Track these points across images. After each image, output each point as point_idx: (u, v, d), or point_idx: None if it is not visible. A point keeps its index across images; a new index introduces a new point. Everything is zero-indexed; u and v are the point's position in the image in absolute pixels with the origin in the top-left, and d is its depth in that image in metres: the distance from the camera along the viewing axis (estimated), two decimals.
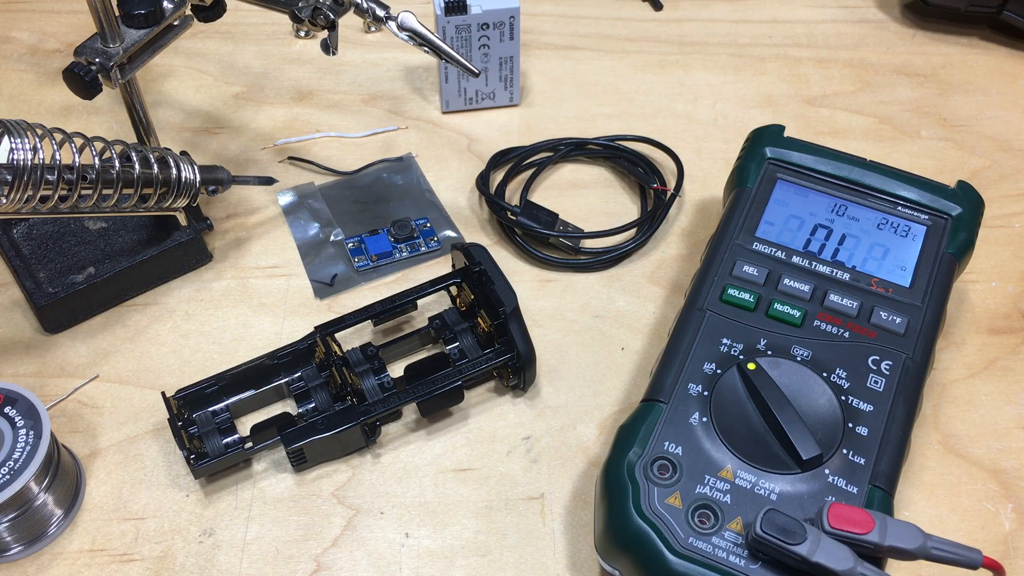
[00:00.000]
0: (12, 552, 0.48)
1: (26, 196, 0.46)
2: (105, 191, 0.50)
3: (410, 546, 0.48)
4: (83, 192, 0.49)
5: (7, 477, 0.46)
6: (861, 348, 0.48)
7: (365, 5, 0.56)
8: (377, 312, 0.54)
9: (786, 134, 0.57)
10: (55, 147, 0.47)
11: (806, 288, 0.50)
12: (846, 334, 0.48)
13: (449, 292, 0.56)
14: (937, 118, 0.69)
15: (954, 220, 0.53)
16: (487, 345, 0.53)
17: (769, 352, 0.47)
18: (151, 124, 0.57)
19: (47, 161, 0.46)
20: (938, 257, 0.51)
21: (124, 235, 0.59)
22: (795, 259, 0.51)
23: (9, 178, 0.45)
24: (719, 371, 0.47)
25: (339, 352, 0.53)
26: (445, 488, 0.50)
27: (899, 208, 0.53)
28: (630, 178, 0.65)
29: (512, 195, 0.64)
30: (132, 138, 0.57)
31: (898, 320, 0.49)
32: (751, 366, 0.46)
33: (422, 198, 0.64)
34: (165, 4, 0.52)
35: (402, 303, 0.55)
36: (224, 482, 0.50)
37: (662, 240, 0.62)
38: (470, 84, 0.68)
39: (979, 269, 0.59)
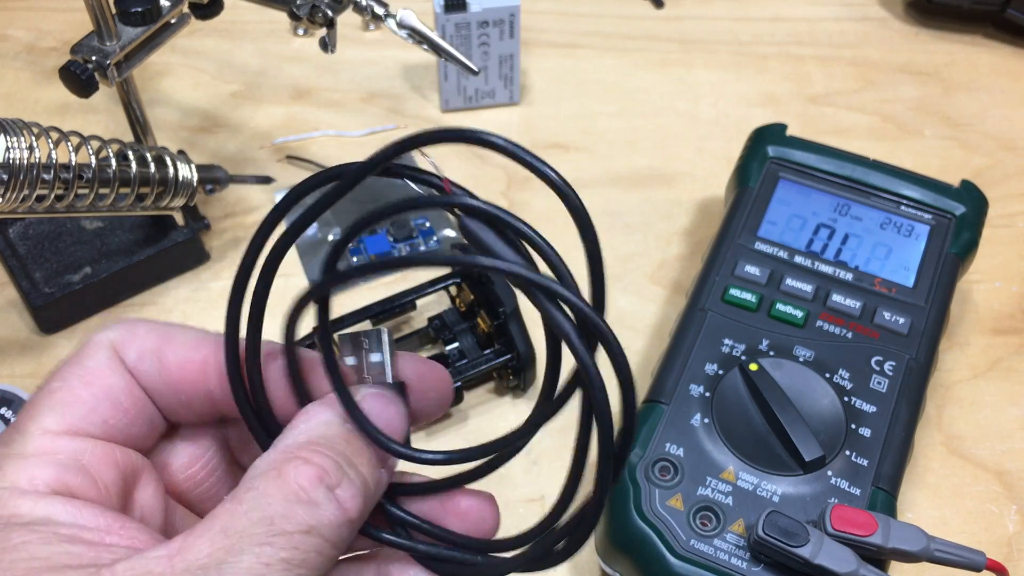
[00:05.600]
0: None
1: (22, 195, 0.45)
2: (102, 190, 0.50)
3: None
4: (79, 191, 0.49)
5: None
6: (864, 349, 0.47)
7: (364, 2, 0.55)
8: (376, 312, 0.54)
9: (788, 133, 0.56)
10: (51, 146, 0.47)
11: (809, 288, 0.49)
12: (849, 334, 0.48)
13: (449, 292, 0.56)
14: (941, 117, 0.69)
15: (958, 220, 0.52)
16: (487, 346, 0.53)
17: (771, 353, 0.47)
18: (148, 123, 0.57)
19: (43, 160, 0.46)
20: (942, 257, 0.51)
21: (121, 235, 0.58)
22: (797, 259, 0.51)
23: (5, 177, 0.44)
24: (721, 372, 0.46)
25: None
26: None
27: (902, 207, 0.53)
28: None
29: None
30: (129, 137, 0.57)
31: (901, 320, 0.48)
32: (753, 367, 0.45)
33: None
34: (162, 2, 0.52)
35: (401, 303, 0.54)
36: None
37: (663, 240, 0.61)
38: (470, 82, 0.67)
39: (983, 269, 0.58)
